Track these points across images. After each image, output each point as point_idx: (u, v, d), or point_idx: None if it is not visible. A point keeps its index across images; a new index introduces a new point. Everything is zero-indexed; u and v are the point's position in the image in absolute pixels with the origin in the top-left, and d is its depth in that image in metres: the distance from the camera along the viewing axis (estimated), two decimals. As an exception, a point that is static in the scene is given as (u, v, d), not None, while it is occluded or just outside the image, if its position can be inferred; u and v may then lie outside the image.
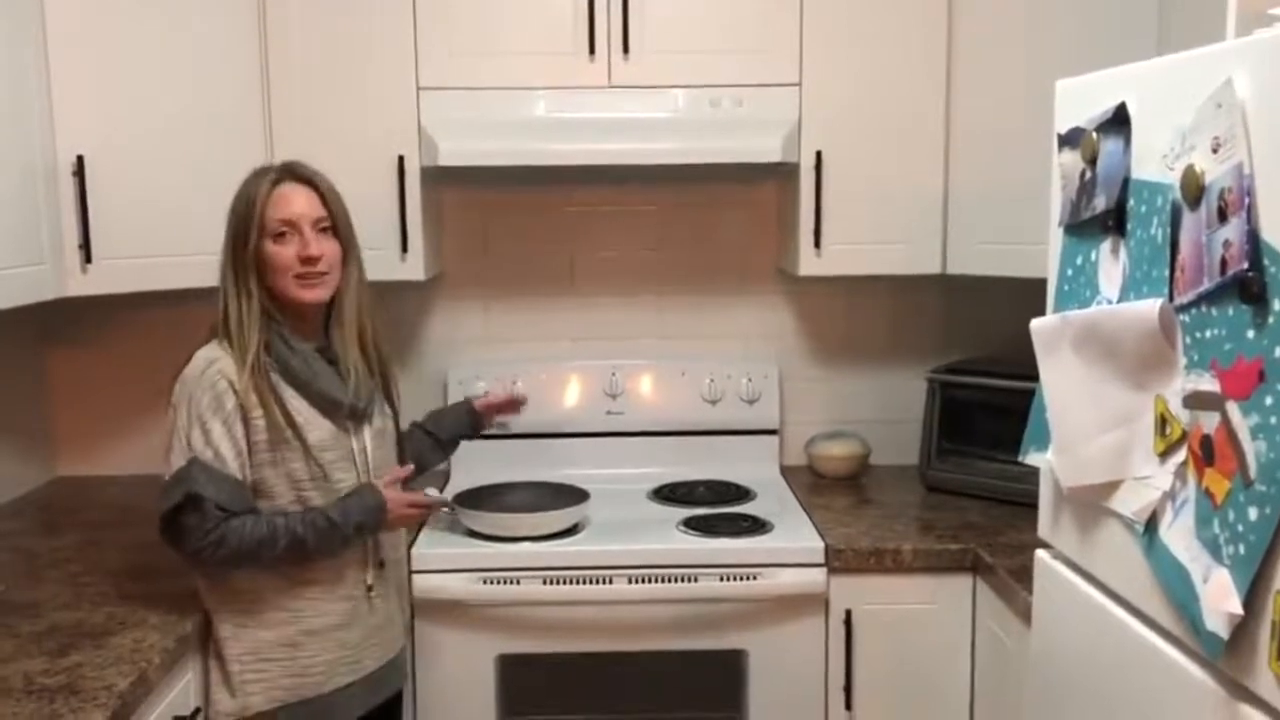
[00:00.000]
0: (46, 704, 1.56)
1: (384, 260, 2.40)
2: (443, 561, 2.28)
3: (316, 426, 1.86)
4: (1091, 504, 1.54)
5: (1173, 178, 1.31)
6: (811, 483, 2.77)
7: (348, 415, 1.91)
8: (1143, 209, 1.40)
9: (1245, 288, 1.17)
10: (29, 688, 1.61)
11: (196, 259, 2.25)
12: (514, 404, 2.40)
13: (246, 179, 1.91)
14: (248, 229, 1.85)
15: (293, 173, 1.91)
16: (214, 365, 1.81)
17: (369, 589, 1.94)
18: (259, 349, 1.83)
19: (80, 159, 2.18)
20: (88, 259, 2.21)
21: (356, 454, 1.93)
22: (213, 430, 1.78)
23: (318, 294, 1.89)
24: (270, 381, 1.83)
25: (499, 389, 2.53)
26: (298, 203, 1.87)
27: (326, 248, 1.88)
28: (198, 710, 1.87)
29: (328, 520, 1.84)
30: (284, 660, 1.86)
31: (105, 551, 2.25)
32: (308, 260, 1.86)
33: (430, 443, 2.28)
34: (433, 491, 2.07)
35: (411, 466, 2.05)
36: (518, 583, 2.27)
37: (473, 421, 2.35)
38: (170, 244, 2.31)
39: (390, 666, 2.02)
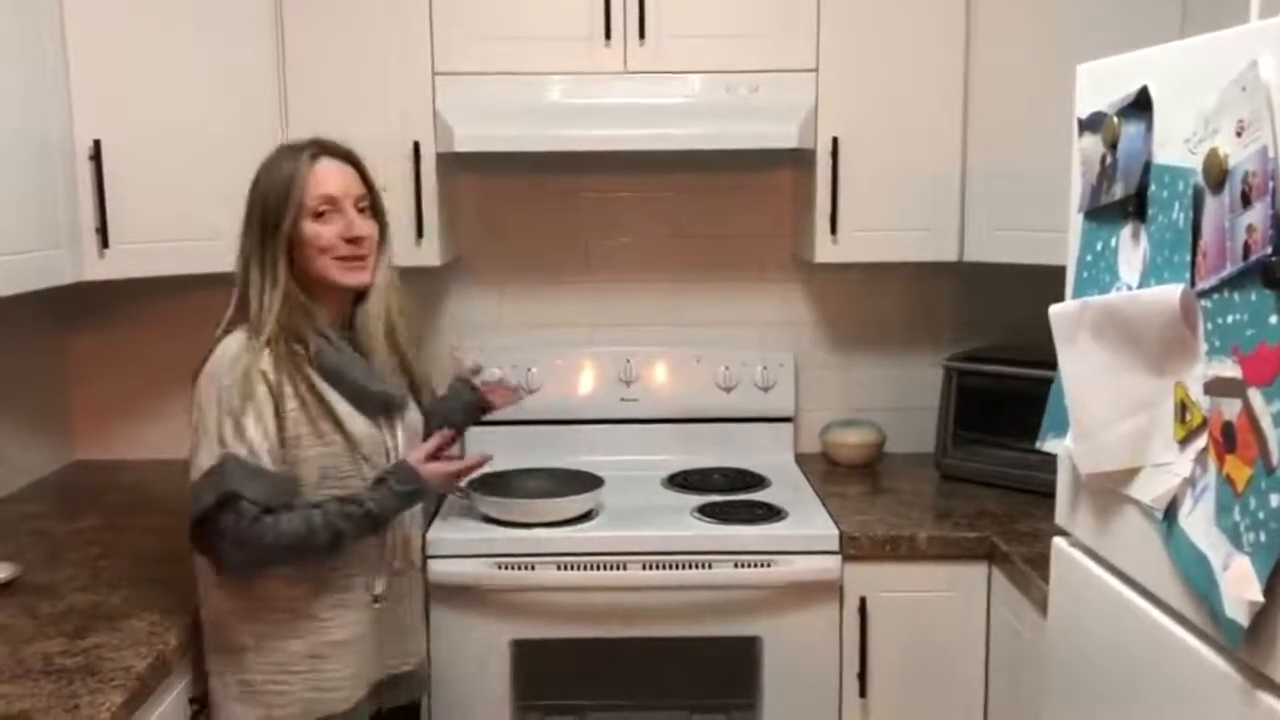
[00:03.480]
0: (65, 684, 1.57)
1: (399, 246, 2.36)
2: (458, 547, 2.28)
3: (352, 421, 1.76)
4: (1110, 491, 1.53)
5: (1195, 162, 1.29)
6: (826, 470, 2.77)
7: (381, 409, 1.82)
8: (1164, 194, 1.39)
9: (1268, 273, 1.15)
10: (48, 668, 1.63)
11: (214, 244, 2.25)
12: (514, 392, 2.27)
13: (273, 156, 1.78)
14: (283, 207, 1.71)
15: (329, 148, 1.79)
16: (243, 356, 1.69)
17: (377, 600, 1.83)
18: (289, 338, 1.71)
19: (97, 143, 2.18)
20: (104, 243, 2.21)
21: (390, 450, 1.83)
22: (246, 424, 1.66)
23: (360, 277, 1.78)
24: (305, 373, 1.72)
25: (507, 385, 2.38)
26: (340, 179, 1.76)
27: (368, 228, 1.78)
28: (214, 692, 1.88)
29: (363, 510, 1.73)
30: (307, 673, 1.76)
31: (123, 535, 2.26)
32: (353, 240, 1.75)
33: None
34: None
35: (451, 432, 1.92)
36: (532, 568, 2.27)
37: (475, 402, 2.22)
38: (187, 229, 2.31)
39: (407, 677, 1.94)
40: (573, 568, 2.27)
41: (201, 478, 1.67)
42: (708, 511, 2.41)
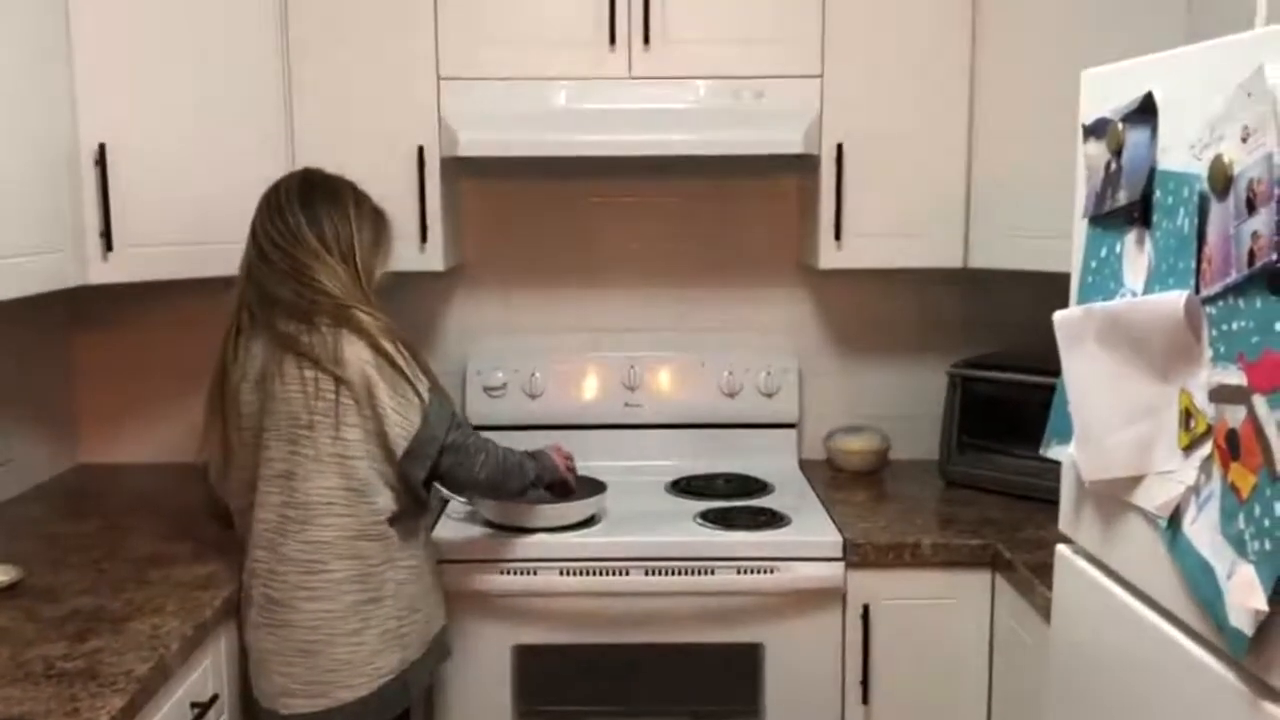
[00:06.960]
0: (66, 688, 1.57)
1: (403, 251, 2.39)
2: (461, 551, 2.28)
3: None
4: (1114, 498, 1.52)
5: (1200, 168, 1.29)
6: (830, 476, 2.76)
7: None
8: (1169, 200, 1.38)
9: (1274, 279, 1.15)
10: (49, 672, 1.62)
11: (217, 248, 2.26)
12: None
13: (351, 184, 2.05)
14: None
15: None
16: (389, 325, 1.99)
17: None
18: None
19: (102, 147, 2.18)
20: (109, 247, 2.21)
21: None
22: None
23: None
24: None
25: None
26: None
27: None
28: (215, 698, 1.88)
29: (535, 471, 2.21)
30: (423, 608, 2.04)
31: (126, 538, 2.26)
32: None
33: None
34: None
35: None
36: (535, 573, 2.27)
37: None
38: (191, 233, 2.32)
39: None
40: (575, 573, 2.27)
41: (431, 410, 1.95)
42: (711, 517, 2.40)
